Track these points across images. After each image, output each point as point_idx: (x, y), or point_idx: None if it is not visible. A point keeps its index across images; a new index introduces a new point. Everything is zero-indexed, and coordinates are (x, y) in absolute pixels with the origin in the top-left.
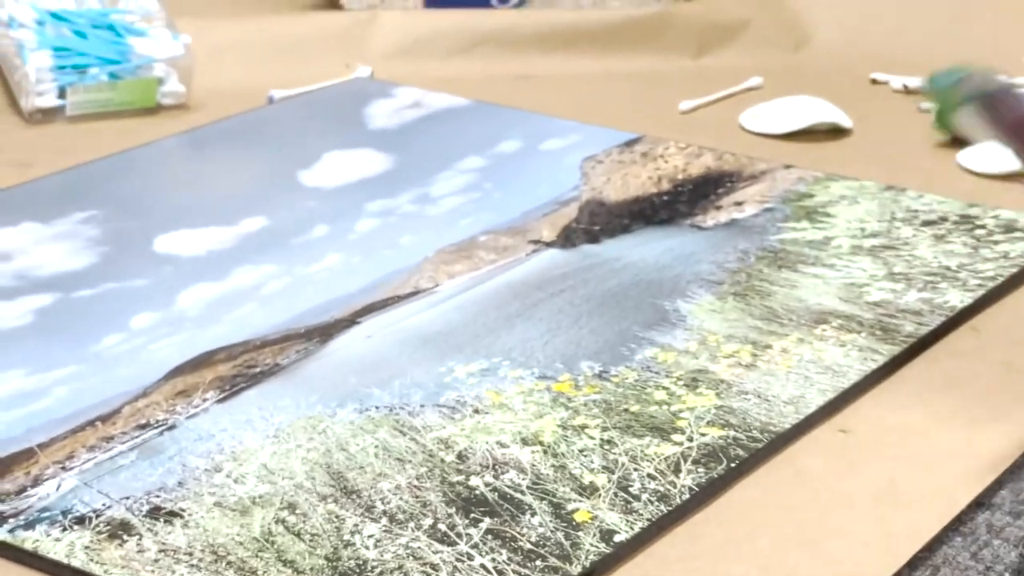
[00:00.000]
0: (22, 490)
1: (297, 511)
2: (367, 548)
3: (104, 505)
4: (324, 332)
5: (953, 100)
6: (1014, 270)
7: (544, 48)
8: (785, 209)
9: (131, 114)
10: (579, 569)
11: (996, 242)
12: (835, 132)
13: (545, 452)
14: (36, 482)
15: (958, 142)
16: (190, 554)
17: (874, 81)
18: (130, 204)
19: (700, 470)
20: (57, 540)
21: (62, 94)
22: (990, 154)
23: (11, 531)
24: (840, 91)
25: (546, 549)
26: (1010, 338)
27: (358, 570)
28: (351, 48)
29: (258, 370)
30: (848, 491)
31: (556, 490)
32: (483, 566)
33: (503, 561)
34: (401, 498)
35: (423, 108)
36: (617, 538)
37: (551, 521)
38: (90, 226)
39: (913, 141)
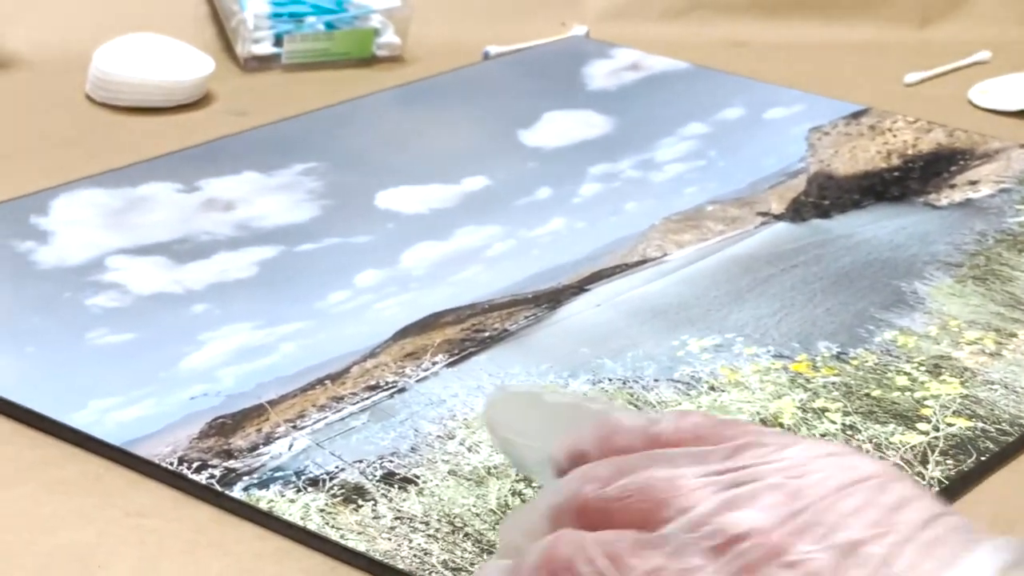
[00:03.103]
0: (254, 447)
1: (533, 484)
2: None
3: (337, 467)
4: (552, 298)
5: None
6: None
7: (763, 14)
8: (1023, 190)
9: (346, 65)
10: None
11: None
12: None
13: None
14: (268, 440)
15: None
16: (426, 523)
17: None
18: (350, 157)
19: (949, 462)
20: (291, 501)
21: (278, 42)
22: None
23: (245, 489)
24: None
25: None
26: None
27: None
28: (567, 6)
29: (487, 335)
30: None
31: None
32: None
33: None
34: None
35: (642, 70)
36: None
37: None
38: (311, 178)
39: None
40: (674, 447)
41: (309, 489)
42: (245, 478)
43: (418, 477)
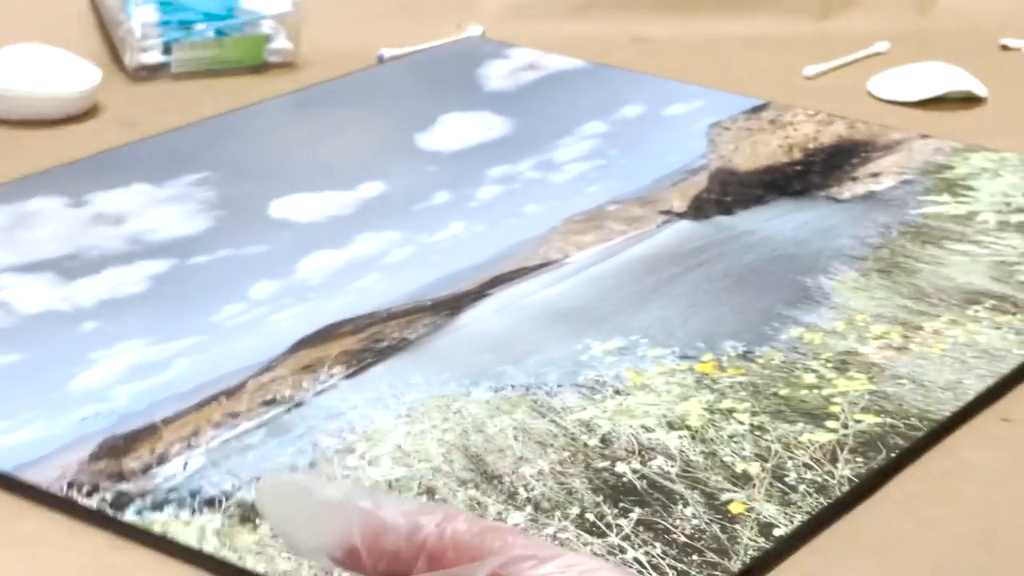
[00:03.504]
0: (147, 468)
1: (436, 496)
2: None
3: (234, 486)
4: (452, 305)
5: None
6: None
7: (662, 9)
8: (924, 181)
9: (238, 72)
10: (739, 566)
11: None
12: (968, 101)
13: (693, 438)
14: (161, 460)
15: None
16: None
17: (1005, 47)
18: (243, 166)
19: (859, 460)
20: (186, 524)
21: (167, 50)
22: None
23: (138, 513)
24: (970, 57)
25: (702, 543)
26: None
27: None
28: (462, 6)
29: (385, 344)
30: (1018, 484)
31: (708, 479)
32: (637, 560)
33: (657, 555)
34: (545, 484)
35: (539, 70)
36: (776, 532)
37: (705, 512)
38: (203, 189)
39: None
40: (439, 554)
41: (204, 510)
42: (138, 501)
43: None
